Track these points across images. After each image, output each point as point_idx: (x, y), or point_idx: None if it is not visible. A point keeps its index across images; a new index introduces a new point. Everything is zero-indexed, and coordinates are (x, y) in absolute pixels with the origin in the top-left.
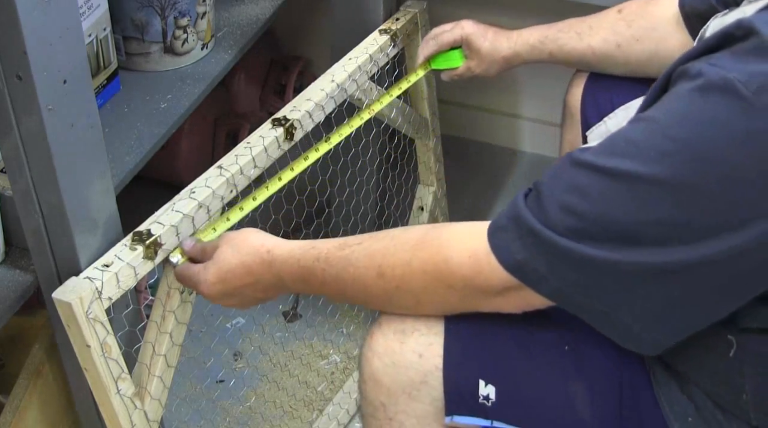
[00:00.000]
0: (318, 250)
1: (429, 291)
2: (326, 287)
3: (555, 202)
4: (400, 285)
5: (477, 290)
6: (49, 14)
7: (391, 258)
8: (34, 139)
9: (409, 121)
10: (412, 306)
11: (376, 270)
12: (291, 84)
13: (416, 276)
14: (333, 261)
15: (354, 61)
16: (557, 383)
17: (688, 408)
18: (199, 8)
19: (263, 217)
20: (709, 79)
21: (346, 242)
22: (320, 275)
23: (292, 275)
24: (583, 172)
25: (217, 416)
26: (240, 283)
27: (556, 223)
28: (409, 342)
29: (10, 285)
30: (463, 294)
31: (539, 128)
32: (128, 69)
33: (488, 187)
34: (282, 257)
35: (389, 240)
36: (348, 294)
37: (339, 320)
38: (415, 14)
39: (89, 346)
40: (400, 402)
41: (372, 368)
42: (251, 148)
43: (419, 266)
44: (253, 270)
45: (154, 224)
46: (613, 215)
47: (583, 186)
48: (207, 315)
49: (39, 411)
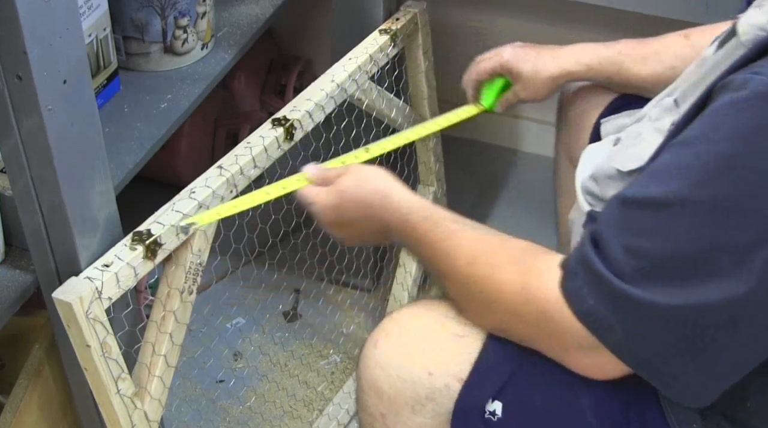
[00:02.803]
0: (430, 212)
1: (500, 308)
2: (420, 247)
3: (616, 245)
4: (481, 284)
5: (548, 334)
6: (49, 14)
7: (489, 255)
8: (34, 139)
9: (409, 121)
10: (478, 311)
11: (470, 258)
12: (291, 84)
13: (495, 286)
14: (440, 227)
15: (354, 61)
16: (563, 394)
17: (692, 416)
18: (199, 8)
19: (263, 217)
20: (755, 89)
21: (461, 219)
22: (421, 234)
23: (398, 224)
24: (637, 209)
25: (217, 416)
26: (353, 216)
27: (622, 267)
28: (420, 359)
29: (10, 285)
30: (536, 332)
31: (539, 128)
32: (128, 69)
33: (488, 187)
34: (395, 204)
35: (497, 240)
36: (434, 262)
37: (339, 320)
38: (415, 14)
39: (89, 346)
40: (401, 415)
41: (374, 377)
42: (251, 148)
43: (504, 279)
44: (369, 209)
45: (154, 224)
46: (677, 247)
47: (640, 223)
48: (207, 315)
49: (39, 411)
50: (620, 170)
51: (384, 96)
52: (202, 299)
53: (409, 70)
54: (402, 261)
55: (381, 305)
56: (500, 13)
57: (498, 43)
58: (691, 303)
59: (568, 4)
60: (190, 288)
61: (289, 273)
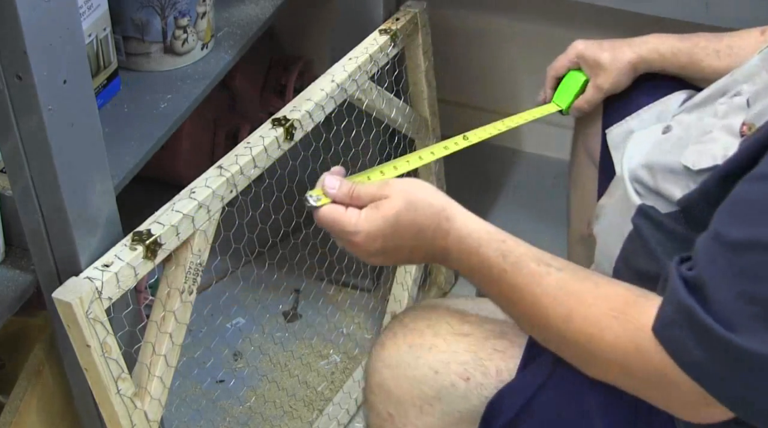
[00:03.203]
0: (507, 247)
1: (611, 366)
2: (494, 288)
3: (727, 292)
4: (580, 341)
5: (664, 392)
6: (49, 14)
7: (586, 310)
8: (34, 139)
9: (409, 121)
10: (583, 362)
11: (565, 313)
12: (291, 84)
13: (603, 347)
14: (521, 270)
15: (354, 61)
16: (573, 395)
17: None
18: (199, 8)
19: (263, 217)
20: None
21: (544, 259)
22: (496, 274)
23: (462, 255)
24: (747, 252)
25: (217, 416)
26: (404, 243)
27: (733, 317)
28: (426, 357)
29: (10, 285)
30: (648, 390)
31: (539, 128)
32: (128, 69)
33: (488, 187)
34: (462, 232)
35: (591, 287)
36: (516, 310)
37: (339, 320)
38: (415, 14)
39: (89, 346)
40: (410, 415)
41: (382, 378)
42: (251, 148)
43: (612, 340)
44: (425, 235)
45: (154, 224)
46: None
47: (755, 267)
48: (207, 315)
49: (39, 411)
50: (689, 168)
51: (384, 96)
52: (202, 299)
53: (409, 70)
54: None
55: (381, 305)
56: (500, 13)
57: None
58: None
59: (568, 4)
60: (190, 288)
61: (289, 273)
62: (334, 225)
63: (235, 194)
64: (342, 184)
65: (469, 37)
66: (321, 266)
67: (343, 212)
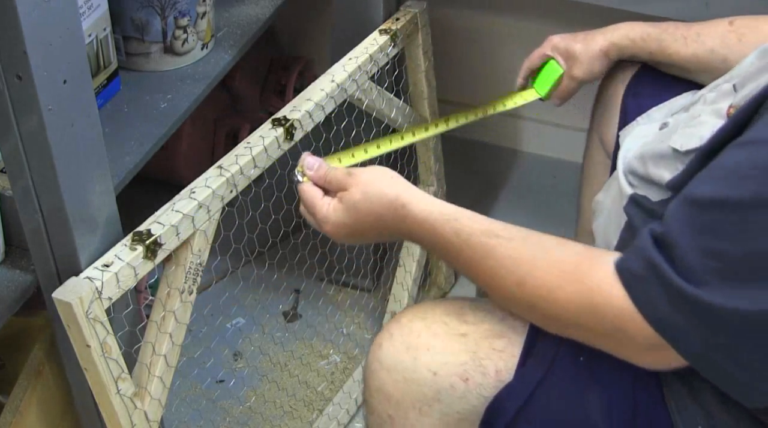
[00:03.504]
0: (460, 225)
1: (567, 324)
2: (456, 263)
3: (691, 248)
4: (539, 304)
5: (622, 343)
6: (49, 14)
7: (538, 273)
8: (34, 139)
9: (409, 121)
10: (541, 323)
11: (517, 279)
12: (291, 84)
13: (557, 307)
14: (474, 245)
15: (354, 61)
16: (572, 394)
17: (697, 416)
18: (199, 8)
19: (263, 217)
20: None
21: (493, 230)
22: (454, 252)
23: (422, 236)
24: (711, 210)
25: (217, 416)
26: (367, 230)
27: (697, 272)
28: (423, 358)
29: (10, 285)
30: (611, 342)
31: (539, 128)
32: (128, 69)
33: (488, 187)
34: (418, 217)
35: (541, 252)
36: (478, 281)
37: (339, 320)
38: (415, 14)
39: (89, 346)
40: (409, 417)
41: (380, 381)
42: (251, 148)
43: (564, 299)
44: (384, 221)
45: (154, 224)
46: (755, 247)
47: (716, 224)
48: (207, 315)
49: (39, 411)
50: (677, 149)
51: (384, 96)
52: (202, 299)
53: (409, 70)
54: (402, 261)
55: (381, 305)
56: (500, 13)
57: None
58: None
59: (568, 4)
60: (190, 288)
61: (289, 273)
62: (310, 207)
63: (235, 194)
64: (320, 166)
65: (469, 37)
66: (321, 266)
67: (319, 198)
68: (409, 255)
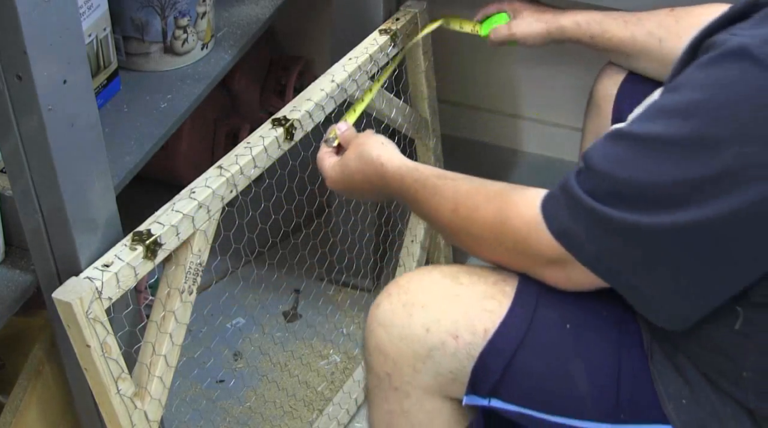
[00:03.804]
0: (419, 173)
1: (484, 241)
2: (415, 205)
3: (596, 171)
4: (465, 227)
5: (526, 255)
6: (49, 14)
7: (468, 200)
8: (34, 139)
9: (409, 121)
10: (470, 247)
11: (453, 206)
12: (291, 84)
13: (477, 224)
14: (427, 186)
15: (354, 61)
16: (557, 361)
17: (683, 390)
18: (199, 8)
19: (263, 217)
20: (727, 47)
21: (445, 174)
22: (413, 195)
23: (395, 188)
24: (620, 141)
25: (217, 416)
26: (358, 186)
27: (595, 190)
28: (418, 315)
29: (10, 285)
30: (513, 255)
31: (540, 128)
32: (128, 69)
33: None
34: (391, 171)
35: (476, 185)
36: (428, 218)
37: (339, 320)
38: (415, 14)
39: (89, 346)
40: (405, 374)
41: (377, 339)
42: (251, 148)
43: (482, 216)
44: (369, 178)
45: (154, 224)
46: (643, 178)
47: (620, 154)
48: (207, 315)
49: (39, 411)
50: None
51: (384, 96)
52: (202, 299)
53: (409, 70)
54: (402, 261)
55: None
56: None
57: None
58: (654, 223)
59: (568, 4)
60: (190, 288)
61: (289, 273)
62: (318, 165)
63: (235, 194)
64: (346, 130)
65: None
66: (321, 266)
67: (326, 158)
68: (409, 255)
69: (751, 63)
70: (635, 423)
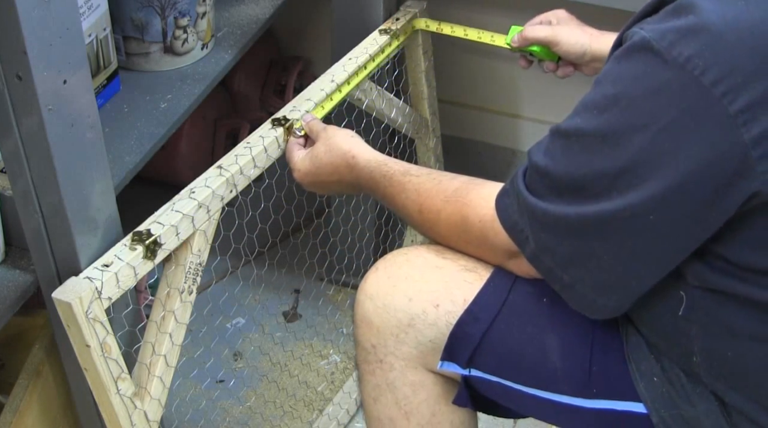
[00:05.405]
0: (387, 169)
1: (452, 240)
2: (384, 201)
3: (535, 166)
4: (432, 228)
5: (491, 250)
6: (49, 14)
7: (430, 201)
8: (34, 139)
9: (409, 121)
10: (442, 243)
11: (418, 207)
12: (291, 84)
13: (442, 226)
14: (394, 183)
15: (354, 61)
16: (533, 333)
17: (654, 369)
18: (199, 8)
19: (263, 217)
20: (633, 41)
21: (409, 170)
22: (382, 190)
23: (365, 182)
24: (554, 137)
25: (217, 416)
26: (326, 179)
27: (534, 185)
28: (401, 285)
29: (10, 285)
30: (481, 251)
31: (539, 128)
32: (128, 69)
33: None
34: (360, 165)
35: (436, 184)
36: (398, 214)
37: (339, 320)
38: (415, 14)
39: (89, 346)
40: (389, 344)
41: (364, 310)
42: (251, 148)
43: (445, 218)
44: (339, 171)
45: (154, 224)
46: (573, 171)
47: (551, 148)
48: (207, 315)
49: (39, 411)
50: None
51: (384, 96)
52: (202, 299)
53: (409, 70)
54: None
55: None
56: (500, 13)
57: None
58: (581, 214)
59: (568, 4)
60: (190, 288)
61: (289, 273)
62: (287, 157)
63: (235, 194)
64: (313, 120)
65: None
66: (321, 266)
67: (295, 150)
68: None
69: (652, 55)
70: (607, 398)
